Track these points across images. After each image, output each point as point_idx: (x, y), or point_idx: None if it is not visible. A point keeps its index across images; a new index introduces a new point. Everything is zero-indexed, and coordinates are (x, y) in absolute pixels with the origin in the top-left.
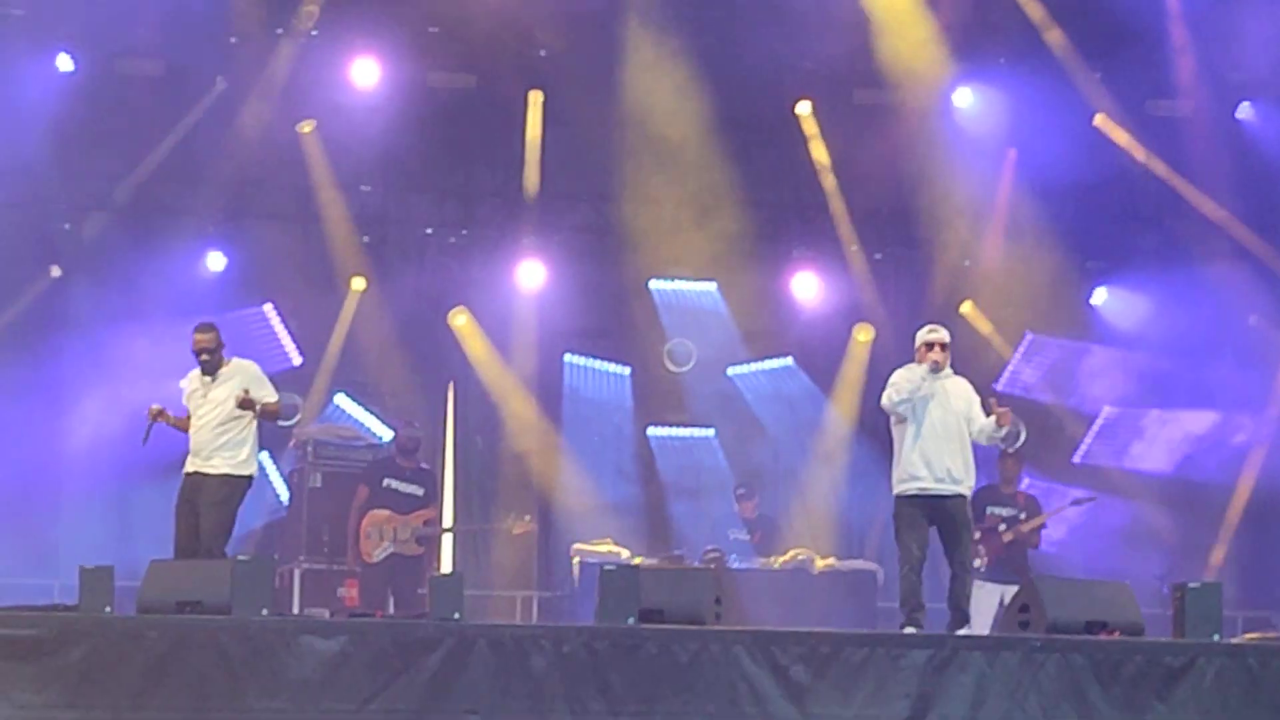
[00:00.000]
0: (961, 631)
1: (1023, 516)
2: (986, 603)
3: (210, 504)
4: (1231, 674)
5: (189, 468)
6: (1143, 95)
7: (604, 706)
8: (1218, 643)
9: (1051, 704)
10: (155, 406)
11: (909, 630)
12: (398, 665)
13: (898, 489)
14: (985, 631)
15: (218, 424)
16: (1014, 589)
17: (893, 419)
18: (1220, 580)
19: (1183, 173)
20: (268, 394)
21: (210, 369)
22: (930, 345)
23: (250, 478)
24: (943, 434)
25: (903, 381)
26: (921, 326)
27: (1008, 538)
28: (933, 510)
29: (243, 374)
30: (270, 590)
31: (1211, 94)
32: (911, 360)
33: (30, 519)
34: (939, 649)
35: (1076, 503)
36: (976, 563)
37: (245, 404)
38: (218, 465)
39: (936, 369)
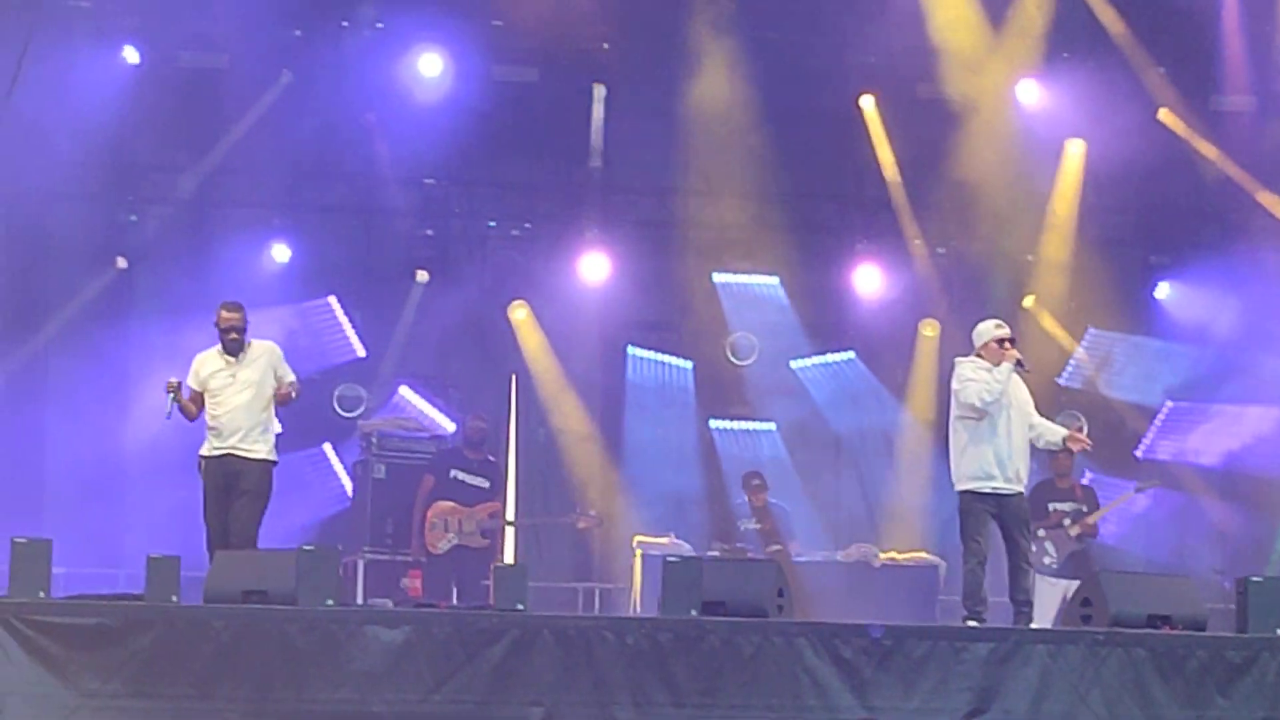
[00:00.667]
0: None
1: (1084, 509)
2: (1051, 597)
3: (255, 493)
4: None
5: (218, 449)
6: (1207, 90)
7: (667, 698)
8: None
9: (1114, 698)
10: (174, 380)
11: (971, 624)
12: (461, 656)
13: (967, 485)
14: (1049, 626)
15: (254, 406)
16: (1077, 584)
17: (963, 414)
18: None
19: (1246, 167)
20: (291, 375)
21: (236, 349)
22: (1003, 341)
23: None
24: (1016, 434)
25: (990, 379)
26: (982, 319)
27: (1074, 532)
28: (998, 507)
29: (270, 355)
30: (335, 580)
31: (1274, 89)
32: (971, 353)
33: (96, 509)
34: (1001, 642)
35: (1140, 489)
36: (1047, 560)
37: (286, 398)
38: (259, 450)
39: (1022, 367)
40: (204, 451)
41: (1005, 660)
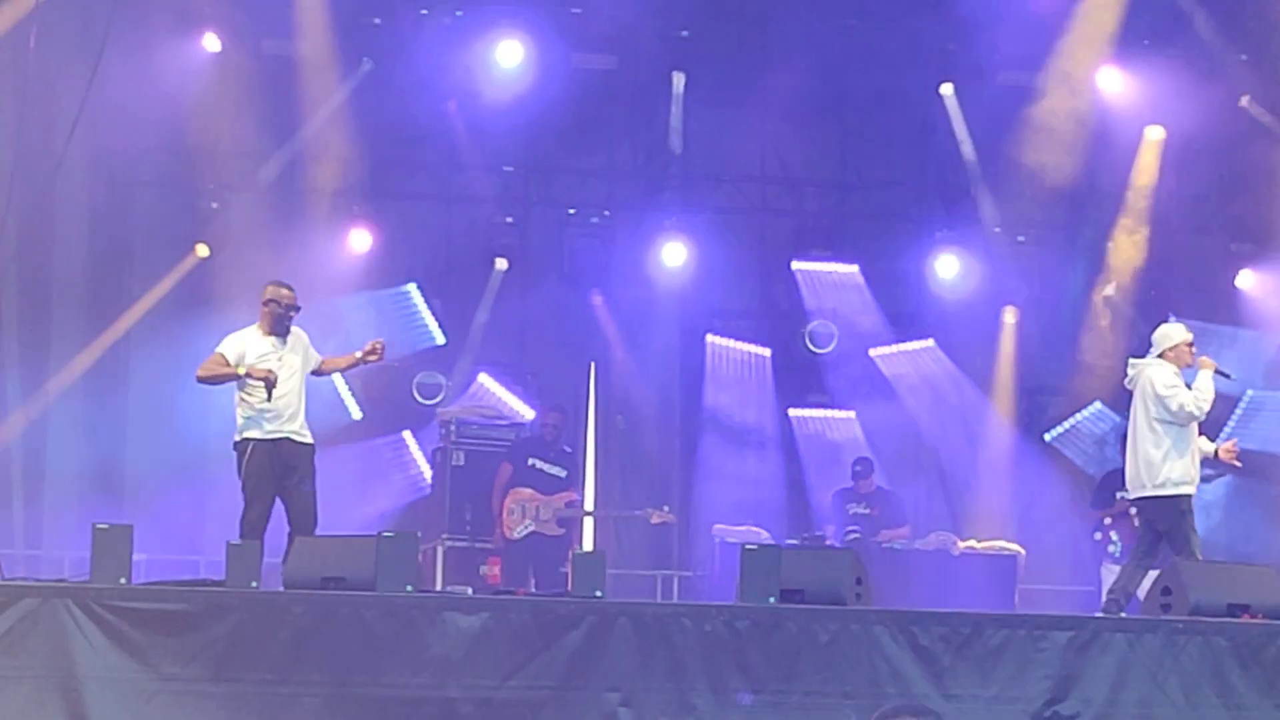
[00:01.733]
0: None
1: None
2: None
3: (312, 478)
4: None
5: (273, 433)
6: None
7: (744, 685)
8: None
9: (1192, 686)
10: (272, 371)
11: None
12: (539, 642)
13: (1179, 490)
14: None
15: (302, 391)
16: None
17: (1169, 419)
18: None
19: None
20: (319, 357)
21: (286, 331)
22: (1191, 345)
23: None
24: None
25: (1204, 389)
26: (1163, 323)
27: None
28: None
29: (303, 342)
30: (414, 567)
31: None
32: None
33: (178, 496)
34: (1080, 630)
35: (1206, 480)
36: (1111, 548)
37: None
38: (308, 436)
39: (1225, 375)
40: (254, 435)
41: (1084, 649)
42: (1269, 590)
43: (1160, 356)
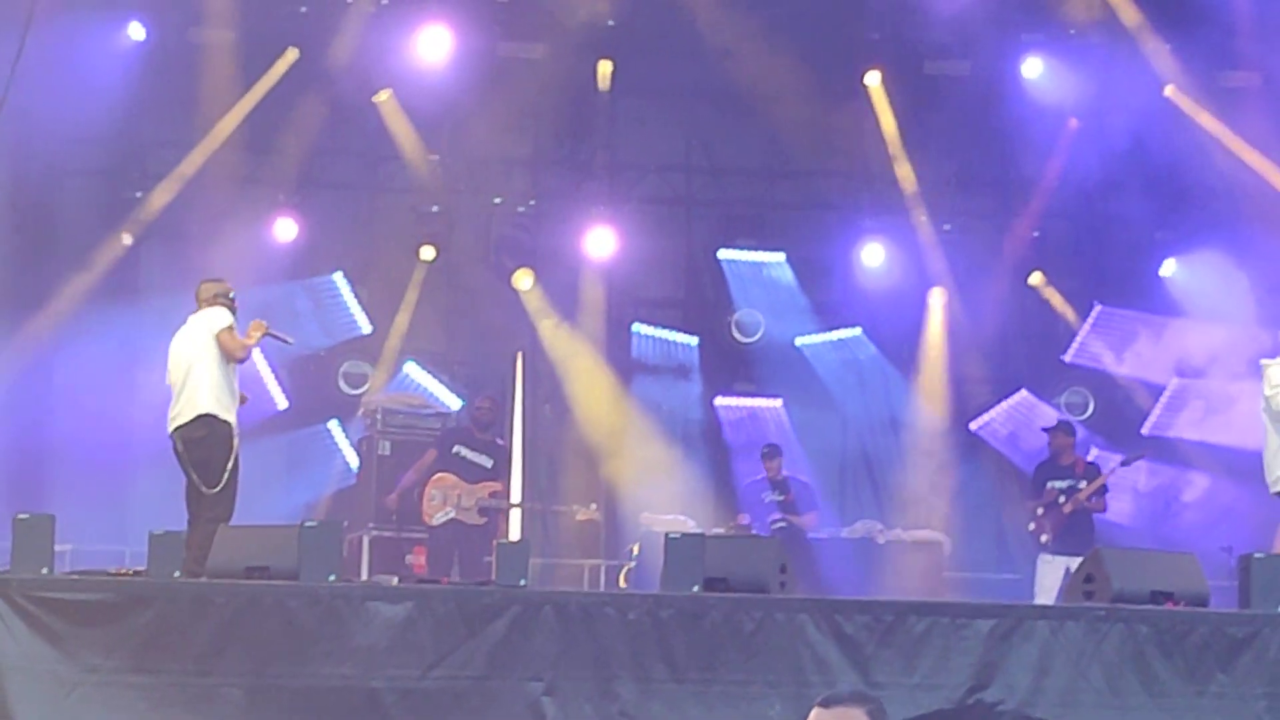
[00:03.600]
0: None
1: (1082, 485)
2: (1052, 576)
3: None
4: None
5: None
6: (1213, 67)
7: (668, 674)
8: None
9: (1115, 673)
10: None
11: None
12: (463, 631)
13: None
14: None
15: None
16: (1079, 560)
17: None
18: None
19: (1253, 143)
20: None
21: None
22: None
23: None
24: None
25: None
26: None
27: (1068, 509)
28: None
29: None
30: (338, 556)
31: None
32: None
33: (102, 486)
34: (1003, 618)
35: (1125, 463)
36: (1044, 538)
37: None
38: None
39: None
40: (232, 420)
41: (1007, 636)
42: (1190, 578)
43: None
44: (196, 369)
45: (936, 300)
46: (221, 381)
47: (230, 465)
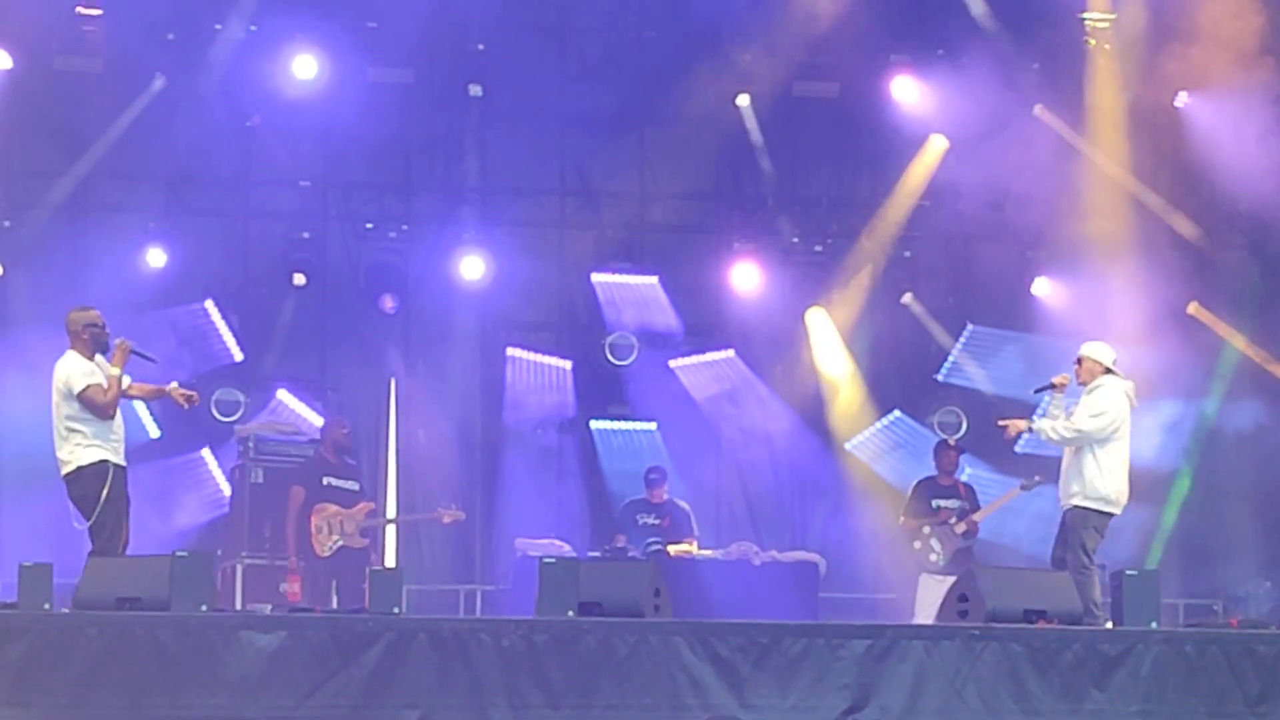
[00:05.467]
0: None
1: (967, 507)
2: (938, 594)
3: None
4: (1168, 662)
5: (119, 463)
6: (1082, 86)
7: (543, 700)
8: (1155, 630)
9: (990, 693)
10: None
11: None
12: (337, 661)
13: (1105, 506)
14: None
15: None
16: None
17: (1100, 437)
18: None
19: (1122, 163)
20: None
21: (106, 350)
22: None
23: None
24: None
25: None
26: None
27: (960, 529)
28: None
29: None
30: (210, 586)
31: (1152, 86)
32: None
33: None
34: (877, 639)
35: (1024, 487)
36: (933, 557)
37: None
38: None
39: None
40: (111, 459)
41: (882, 657)
42: (1063, 596)
43: None
44: (55, 418)
45: (813, 320)
46: (82, 425)
47: (104, 498)
